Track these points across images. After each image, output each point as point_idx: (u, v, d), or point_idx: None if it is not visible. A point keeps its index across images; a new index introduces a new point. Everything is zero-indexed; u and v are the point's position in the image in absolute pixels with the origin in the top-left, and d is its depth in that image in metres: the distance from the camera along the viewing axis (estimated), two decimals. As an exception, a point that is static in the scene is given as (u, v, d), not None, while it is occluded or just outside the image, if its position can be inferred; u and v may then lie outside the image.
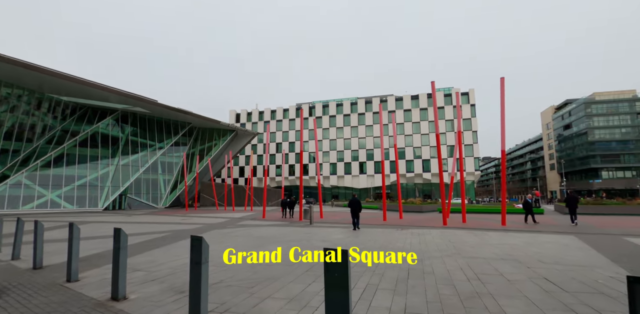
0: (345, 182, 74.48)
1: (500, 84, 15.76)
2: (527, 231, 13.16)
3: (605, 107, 71.92)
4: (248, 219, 21.17)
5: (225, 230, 13.93)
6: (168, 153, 49.38)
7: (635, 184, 64.11)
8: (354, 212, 14.27)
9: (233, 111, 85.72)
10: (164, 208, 44.71)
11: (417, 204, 30.03)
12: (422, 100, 72.77)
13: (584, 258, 7.23)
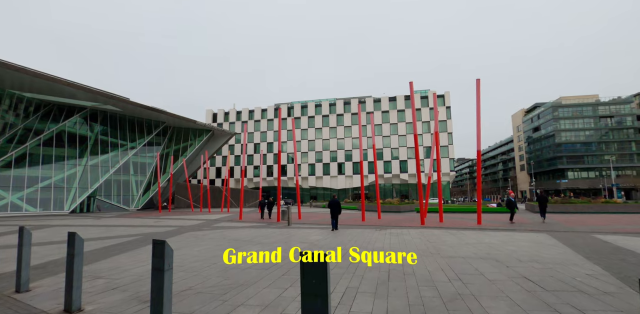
0: (323, 183, 74.41)
1: (476, 85, 16.02)
2: (502, 229, 13.38)
3: (571, 110, 75.54)
4: (224, 221, 20.56)
5: (199, 232, 13.37)
6: (141, 153, 47.58)
7: (598, 184, 67.57)
8: (333, 213, 14.23)
9: (210, 110, 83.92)
10: (136, 210, 43.06)
11: (395, 204, 30.26)
12: (399, 102, 73.81)
13: (558, 255, 7.32)
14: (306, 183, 75.48)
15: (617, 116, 73.50)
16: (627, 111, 73.50)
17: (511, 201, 16.82)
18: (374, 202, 31.26)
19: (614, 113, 73.77)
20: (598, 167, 72.02)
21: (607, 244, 8.87)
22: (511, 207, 16.71)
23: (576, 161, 73.78)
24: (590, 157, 73.24)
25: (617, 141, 72.64)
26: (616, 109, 74.06)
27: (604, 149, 72.99)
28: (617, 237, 10.51)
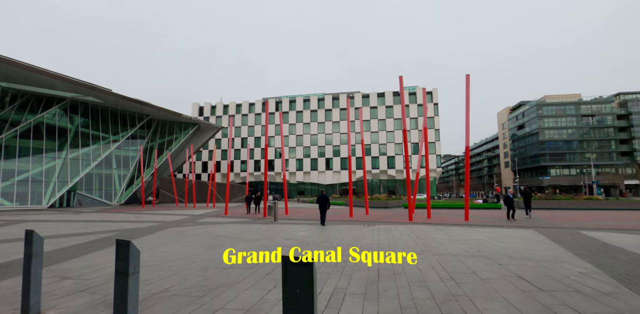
0: (311, 178, 74.15)
1: (465, 80, 15.90)
2: (489, 226, 13.36)
3: (554, 109, 77.02)
4: (209, 216, 20.08)
5: (181, 228, 12.91)
6: (124, 147, 46.34)
7: (579, 181, 69.29)
8: (322, 208, 14.40)
9: (196, 104, 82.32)
10: (118, 205, 42.02)
11: (383, 200, 30.24)
12: (387, 97, 73.84)
13: (549, 252, 7.21)
14: (294, 178, 75.08)
15: (598, 115, 75.32)
16: (607, 110, 75.39)
17: (509, 197, 16.20)
18: (362, 198, 31.18)
19: (595, 112, 75.56)
20: (579, 165, 73.84)
21: (594, 241, 8.85)
22: (510, 204, 16.14)
23: (558, 158, 75.45)
24: (572, 155, 75.00)
25: (598, 139, 74.56)
26: (597, 108, 75.87)
27: (585, 147, 74.83)
28: (603, 233, 10.56)
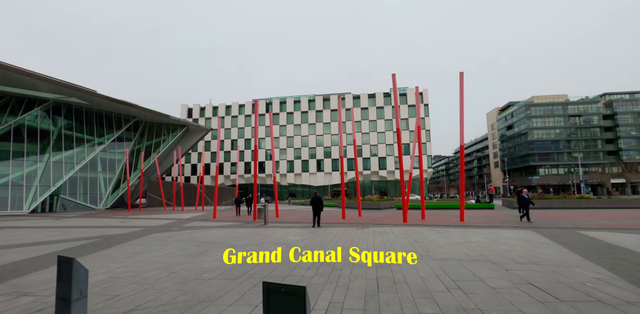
0: (302, 180, 73.51)
1: (459, 78, 15.59)
2: (486, 226, 13.00)
3: (542, 109, 77.97)
4: (196, 220, 19.36)
5: (165, 234, 12.23)
6: (109, 149, 45.10)
7: (568, 180, 70.16)
8: (315, 209, 14.35)
9: (185, 105, 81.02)
10: (104, 209, 40.81)
11: (375, 201, 29.85)
12: (378, 98, 73.77)
13: (555, 255, 6.81)
14: (285, 180, 74.35)
15: (585, 115, 76.47)
16: (594, 110, 76.61)
17: (524, 198, 14.76)
18: (354, 199, 30.72)
19: (582, 112, 76.71)
20: (567, 164, 74.80)
21: (598, 242, 8.51)
22: (525, 205, 14.59)
23: (547, 158, 76.31)
24: (560, 154, 75.95)
25: (585, 139, 75.67)
26: (584, 108, 77.04)
27: (573, 146, 75.86)
28: (603, 233, 10.27)
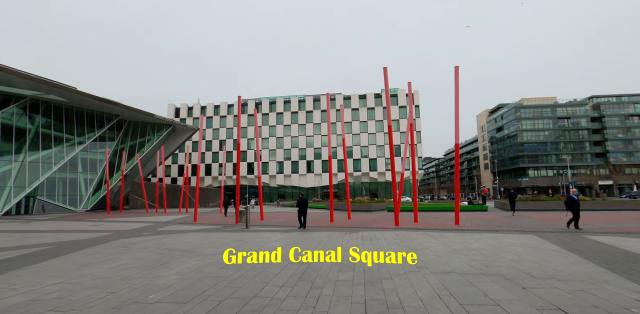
0: (292, 181, 72.27)
1: (454, 73, 14.73)
2: (483, 230, 12.09)
3: (532, 111, 78.32)
4: (175, 223, 18.08)
5: (132, 239, 10.97)
6: (91, 149, 43.36)
7: (557, 182, 70.40)
8: (302, 211, 13.90)
9: (172, 104, 79.09)
10: (84, 212, 39.10)
11: (366, 203, 28.91)
12: (369, 99, 73.10)
13: (574, 267, 5.84)
14: (274, 182, 73.03)
15: (573, 118, 77.05)
16: (582, 113, 77.25)
17: (573, 199, 11.80)
18: (344, 201, 29.73)
19: (570, 115, 77.26)
20: (556, 166, 75.16)
21: (612, 249, 7.61)
22: (575, 208, 11.60)
23: (536, 160, 76.58)
24: (549, 156, 76.31)
25: (573, 141, 76.19)
26: (572, 111, 77.62)
27: (562, 148, 76.30)
28: (611, 238, 9.41)
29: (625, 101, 77.36)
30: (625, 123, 75.21)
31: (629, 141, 74.49)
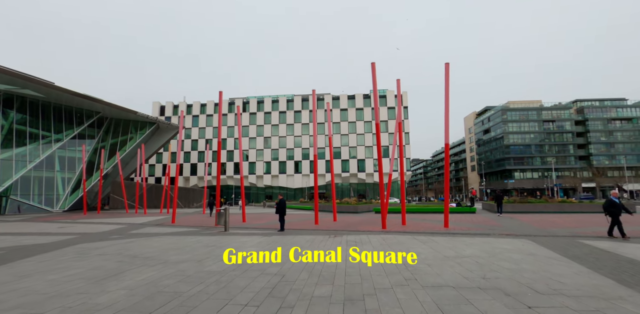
0: (279, 181, 71.27)
1: (445, 69, 14.17)
2: (473, 234, 11.51)
3: (518, 114, 79.19)
4: (151, 225, 17.05)
5: (94, 244, 10.01)
6: (69, 146, 41.73)
7: (542, 184, 71.22)
8: (282, 213, 13.54)
9: (157, 102, 77.17)
10: (61, 212, 37.46)
11: (353, 204, 28.26)
12: (358, 100, 72.70)
13: (579, 278, 5.23)
14: (261, 182, 71.92)
15: (558, 121, 78.17)
16: (566, 116, 78.45)
17: (615, 204, 9.87)
18: (331, 202, 29.02)
19: (555, 118, 78.37)
20: (541, 169, 76.09)
21: (613, 256, 7.07)
22: (615, 213, 9.82)
23: (522, 162, 77.38)
24: (534, 158, 77.21)
25: (558, 143, 77.29)
26: (557, 114, 78.76)
27: (547, 151, 77.30)
28: (608, 243, 8.91)
29: (608, 105, 78.94)
30: (607, 127, 76.67)
31: (611, 144, 75.95)
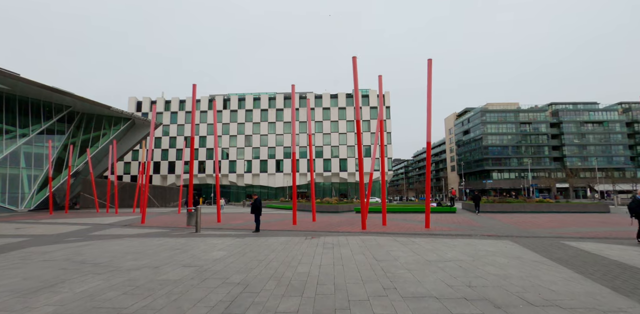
0: (260, 180, 70.11)
1: (427, 65, 13.81)
2: (455, 235, 11.16)
3: (496, 116, 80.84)
4: (118, 226, 15.98)
5: (45, 248, 9.03)
6: (36, 142, 39.51)
7: (519, 184, 72.94)
8: (257, 213, 12.94)
9: (133, 98, 74.44)
10: (27, 211, 35.38)
11: (334, 203, 27.79)
12: (340, 99, 72.37)
13: (571, 285, 4.81)
14: (242, 181, 70.53)
15: (534, 123, 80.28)
16: (542, 119, 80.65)
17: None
18: (310, 202, 28.45)
19: (531, 120, 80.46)
20: (518, 169, 77.96)
21: (600, 259, 6.77)
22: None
23: (500, 162, 79.05)
24: (511, 159, 79.03)
25: (534, 145, 79.38)
26: (533, 116, 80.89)
27: (523, 152, 79.26)
28: (592, 244, 8.69)
29: (581, 109, 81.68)
30: (580, 129, 79.30)
31: (583, 146, 78.60)
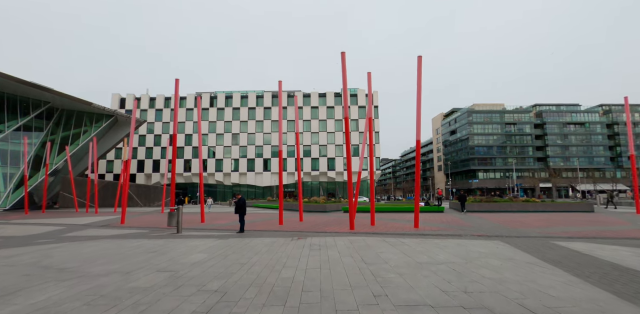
0: (247, 179, 69.28)
1: (417, 63, 13.58)
2: (445, 235, 10.94)
3: (483, 116, 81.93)
4: (95, 226, 15.26)
5: (11, 251, 8.36)
6: (12, 139, 37.99)
7: (504, 184, 74.06)
8: (242, 213, 12.59)
9: (117, 94, 72.45)
10: (2, 211, 33.94)
11: (322, 203, 27.47)
12: (329, 98, 72.09)
13: (570, 290, 4.55)
14: (228, 180, 69.55)
15: (519, 124, 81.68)
16: (526, 119, 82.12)
17: None
18: (297, 201, 28.06)
19: (516, 121, 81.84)
20: (503, 169, 79.18)
21: (593, 260, 6.58)
22: None
23: (485, 162, 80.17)
24: (496, 159, 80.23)
25: (518, 145, 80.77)
26: (518, 117, 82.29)
27: (508, 152, 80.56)
28: (582, 245, 8.56)
29: (564, 110, 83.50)
30: (563, 130, 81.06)
31: (565, 147, 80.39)
